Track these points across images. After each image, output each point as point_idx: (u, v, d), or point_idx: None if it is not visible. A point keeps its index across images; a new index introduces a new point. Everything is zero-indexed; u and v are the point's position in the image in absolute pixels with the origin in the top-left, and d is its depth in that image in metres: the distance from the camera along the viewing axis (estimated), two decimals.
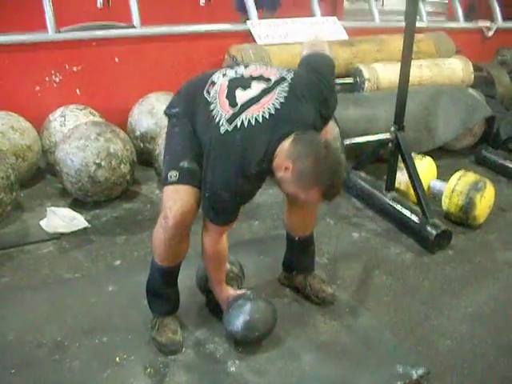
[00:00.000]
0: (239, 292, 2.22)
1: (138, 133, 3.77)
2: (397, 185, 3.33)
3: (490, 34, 5.48)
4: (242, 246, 2.82)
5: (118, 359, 2.08)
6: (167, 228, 1.96)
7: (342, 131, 3.67)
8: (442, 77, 4.30)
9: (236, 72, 2.02)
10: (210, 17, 4.68)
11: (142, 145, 3.77)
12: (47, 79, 3.78)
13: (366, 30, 4.79)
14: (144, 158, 3.73)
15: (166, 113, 2.16)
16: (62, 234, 2.97)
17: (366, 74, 4.03)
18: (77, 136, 3.18)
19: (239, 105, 1.86)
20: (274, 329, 2.18)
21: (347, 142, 3.17)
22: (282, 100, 1.86)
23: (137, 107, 3.84)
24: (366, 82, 4.02)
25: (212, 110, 1.90)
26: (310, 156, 1.75)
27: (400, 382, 2.03)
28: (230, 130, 1.82)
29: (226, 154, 1.83)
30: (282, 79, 1.93)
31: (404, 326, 2.36)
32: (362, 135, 3.38)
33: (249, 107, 1.85)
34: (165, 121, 3.58)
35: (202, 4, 5.46)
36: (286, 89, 1.89)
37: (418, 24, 3.30)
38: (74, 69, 3.84)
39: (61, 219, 3.02)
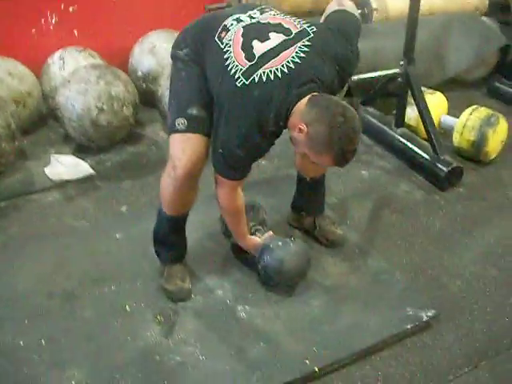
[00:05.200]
0: (266, 236, 2.20)
1: (139, 73, 3.66)
2: (407, 120, 3.25)
3: None
4: (250, 186, 2.71)
5: (127, 307, 2.09)
6: (176, 178, 1.91)
7: None
8: (454, 4, 4.10)
9: (251, 17, 1.88)
10: None
11: (144, 85, 3.65)
12: (43, 21, 3.62)
13: None
14: (147, 99, 3.62)
15: (172, 54, 2.03)
16: (67, 182, 2.94)
17: (373, 4, 3.84)
18: (76, 80, 3.09)
19: (257, 57, 1.76)
20: (307, 271, 2.20)
21: (355, 77, 3.05)
22: (303, 55, 1.76)
23: (137, 46, 3.70)
24: (374, 13, 3.84)
25: (226, 60, 1.79)
26: (324, 122, 1.68)
27: (410, 324, 2.03)
28: (246, 83, 1.73)
29: (242, 110, 1.76)
30: (303, 32, 1.82)
31: (414, 267, 2.34)
32: (370, 69, 3.25)
33: (267, 61, 1.75)
34: (167, 60, 3.52)
35: None
36: (308, 43, 1.78)
37: None
38: (70, 9, 3.67)
39: (65, 166, 2.99)
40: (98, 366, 1.85)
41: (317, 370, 1.85)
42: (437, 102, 3.30)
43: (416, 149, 3.04)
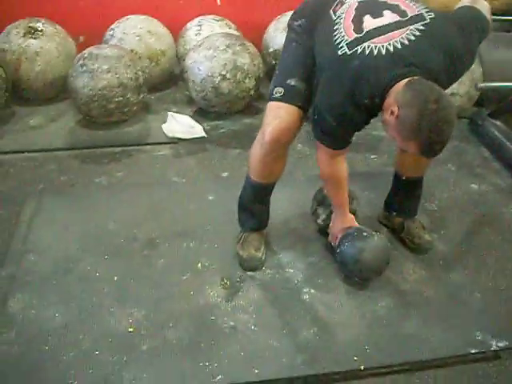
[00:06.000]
0: (355, 224, 2.18)
1: (271, 49, 3.72)
2: None
3: None
4: (351, 177, 2.71)
5: (199, 265, 2.18)
6: (263, 144, 1.96)
7: (484, 73, 3.37)
8: None
9: None
10: None
11: (273, 62, 3.72)
12: None
13: None
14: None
15: (288, 24, 2.06)
16: (180, 140, 3.10)
17: None
18: (206, 46, 3.22)
19: (364, 31, 1.72)
20: (384, 270, 2.15)
21: (482, 85, 2.88)
22: (413, 38, 1.69)
23: (273, 24, 3.77)
24: None
25: (334, 30, 1.79)
26: (415, 107, 1.60)
27: (475, 349, 1.90)
28: (348, 53, 1.71)
29: (339, 78, 1.74)
30: (419, 16, 1.75)
31: (497, 293, 2.17)
32: (506, 80, 3.05)
33: (374, 36, 1.71)
34: None
35: None
36: (421, 28, 1.71)
37: None
38: None
39: (181, 125, 3.14)
40: (157, 310, 1.96)
41: (362, 369, 1.81)
42: None
43: None
